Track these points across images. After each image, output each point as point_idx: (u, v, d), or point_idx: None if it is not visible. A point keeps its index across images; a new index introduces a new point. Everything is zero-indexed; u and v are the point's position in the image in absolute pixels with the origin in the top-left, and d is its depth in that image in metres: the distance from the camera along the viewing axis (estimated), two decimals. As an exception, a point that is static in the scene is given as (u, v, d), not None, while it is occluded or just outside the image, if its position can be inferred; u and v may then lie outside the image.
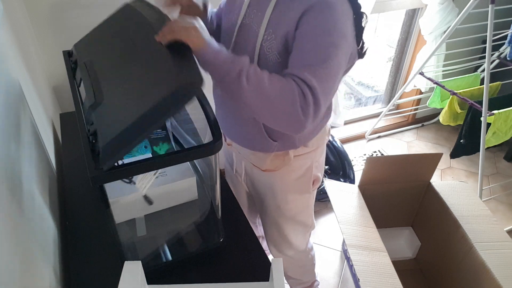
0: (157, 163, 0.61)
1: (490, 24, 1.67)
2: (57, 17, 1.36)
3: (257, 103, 0.74)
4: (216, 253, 0.84)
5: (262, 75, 0.73)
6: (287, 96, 0.72)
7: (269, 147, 0.98)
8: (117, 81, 0.70)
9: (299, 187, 1.09)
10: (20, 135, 0.75)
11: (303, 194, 1.12)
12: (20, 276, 0.55)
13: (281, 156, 1.01)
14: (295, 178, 1.07)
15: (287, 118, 0.74)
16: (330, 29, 0.76)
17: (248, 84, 0.71)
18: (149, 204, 0.83)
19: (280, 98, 0.72)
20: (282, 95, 0.72)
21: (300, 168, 1.06)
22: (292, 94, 0.72)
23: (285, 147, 0.99)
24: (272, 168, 1.03)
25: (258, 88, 0.72)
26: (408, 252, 1.76)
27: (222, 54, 0.72)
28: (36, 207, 0.75)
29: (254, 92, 0.72)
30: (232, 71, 0.71)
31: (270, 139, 0.96)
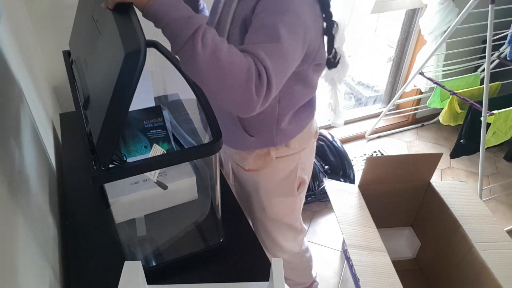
0: (157, 163, 0.61)
1: (490, 24, 1.67)
2: (57, 17, 1.36)
3: (210, 71, 0.64)
4: (216, 253, 0.84)
5: (220, 42, 0.65)
6: (244, 70, 0.65)
7: (248, 143, 0.98)
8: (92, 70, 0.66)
9: (283, 189, 1.08)
10: (20, 135, 0.75)
11: (288, 197, 1.11)
12: (20, 276, 0.55)
13: (263, 156, 1.01)
14: (278, 180, 1.06)
15: (239, 95, 0.67)
16: (283, 9, 0.75)
17: (203, 48, 0.62)
18: (164, 188, 0.81)
19: (236, 71, 0.65)
20: (239, 68, 0.65)
21: (283, 170, 1.05)
22: (249, 70, 0.66)
23: (264, 144, 0.98)
24: (255, 168, 1.03)
25: (214, 54, 0.63)
26: (408, 252, 1.76)
27: (175, 10, 0.62)
28: (36, 207, 0.75)
29: (209, 58, 0.63)
30: (186, 29, 0.61)
31: (246, 133, 0.96)
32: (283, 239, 1.20)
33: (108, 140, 0.57)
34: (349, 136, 2.60)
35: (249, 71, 0.66)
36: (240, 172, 1.09)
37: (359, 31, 1.92)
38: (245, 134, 0.96)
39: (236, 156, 1.05)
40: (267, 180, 1.06)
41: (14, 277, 0.53)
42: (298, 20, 0.75)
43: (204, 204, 0.92)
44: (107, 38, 0.59)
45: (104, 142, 0.57)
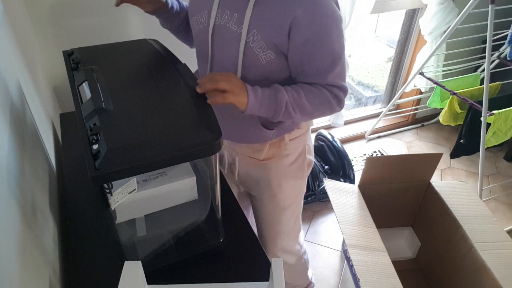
0: (157, 163, 0.61)
1: (490, 24, 1.67)
2: (57, 17, 1.36)
3: (303, 119, 0.90)
4: (216, 253, 0.84)
5: (301, 101, 0.84)
6: (326, 105, 0.87)
7: (266, 136, 0.99)
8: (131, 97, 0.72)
9: (294, 172, 1.11)
10: (20, 135, 0.76)
11: (297, 180, 1.13)
12: (20, 276, 0.55)
13: (277, 142, 1.03)
14: (290, 163, 1.08)
15: (329, 114, 0.91)
16: (330, 26, 0.81)
17: (296, 114, 0.86)
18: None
19: (321, 109, 0.88)
20: (322, 107, 0.87)
21: (294, 152, 1.08)
22: (329, 102, 0.87)
23: (281, 132, 1.01)
24: (269, 156, 1.05)
25: (304, 113, 0.87)
26: (408, 252, 1.76)
27: (263, 104, 0.82)
28: (36, 207, 0.75)
29: (302, 116, 0.87)
30: (280, 112, 0.84)
31: (266, 129, 0.98)
32: (287, 226, 1.22)
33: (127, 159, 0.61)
34: (349, 136, 2.60)
35: (329, 103, 0.87)
36: (249, 164, 1.09)
37: (359, 31, 1.92)
38: (264, 129, 0.97)
39: (248, 149, 1.05)
40: (279, 165, 1.07)
41: (14, 277, 0.53)
42: (339, 21, 0.83)
43: (204, 204, 0.92)
44: (173, 101, 0.72)
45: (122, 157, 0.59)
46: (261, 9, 0.81)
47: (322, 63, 0.84)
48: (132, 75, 0.80)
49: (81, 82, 0.75)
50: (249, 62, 0.86)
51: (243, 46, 0.84)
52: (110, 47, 0.92)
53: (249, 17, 0.82)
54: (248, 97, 0.80)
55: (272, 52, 0.83)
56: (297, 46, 0.82)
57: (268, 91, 0.83)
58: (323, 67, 0.84)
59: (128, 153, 0.59)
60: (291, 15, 0.79)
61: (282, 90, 0.83)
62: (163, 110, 0.69)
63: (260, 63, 0.85)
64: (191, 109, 0.69)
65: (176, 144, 0.62)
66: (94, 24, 1.43)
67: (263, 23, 0.81)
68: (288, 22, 0.79)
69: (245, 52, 0.85)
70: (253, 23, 0.82)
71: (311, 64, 0.84)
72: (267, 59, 0.84)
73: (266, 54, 0.84)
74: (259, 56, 0.84)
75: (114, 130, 0.63)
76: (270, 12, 0.80)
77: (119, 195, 0.70)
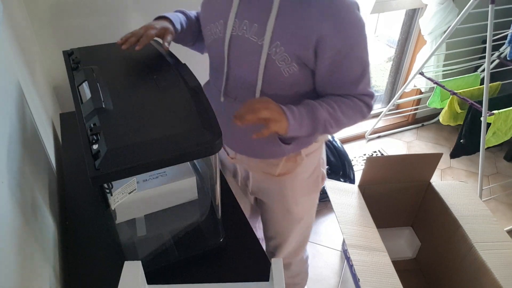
0: (157, 163, 0.61)
1: (490, 24, 1.67)
2: (57, 17, 1.36)
3: (336, 131, 0.89)
4: (216, 253, 0.84)
5: (337, 115, 0.83)
6: (358, 114, 0.87)
7: (283, 151, 0.95)
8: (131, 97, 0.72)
9: (309, 186, 1.07)
10: (20, 135, 0.76)
11: (311, 194, 1.10)
12: (20, 276, 0.55)
13: (293, 157, 0.98)
14: (305, 178, 1.04)
15: (360, 121, 0.89)
16: (356, 36, 0.79)
17: (332, 128, 0.85)
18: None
19: (354, 119, 0.87)
20: (355, 116, 0.87)
21: (310, 166, 1.04)
22: (361, 111, 0.87)
23: (299, 147, 0.97)
24: (285, 172, 1.00)
25: (339, 126, 0.86)
26: (408, 252, 1.76)
27: (303, 125, 0.80)
28: (36, 207, 0.75)
29: (337, 129, 0.87)
30: (319, 129, 0.83)
31: (282, 143, 0.93)
32: (296, 240, 1.19)
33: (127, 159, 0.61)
34: (349, 136, 2.60)
35: (361, 111, 0.87)
36: (265, 179, 1.04)
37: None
38: (281, 144, 0.93)
39: (263, 164, 1.00)
40: (295, 180, 1.03)
41: (14, 277, 0.53)
42: (364, 33, 0.81)
43: (204, 204, 0.92)
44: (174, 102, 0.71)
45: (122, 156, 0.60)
46: (284, 20, 0.77)
47: (352, 74, 0.83)
48: (132, 75, 0.80)
49: (81, 82, 0.75)
50: (271, 75, 0.82)
51: (265, 59, 0.79)
52: (110, 47, 0.92)
53: (272, 28, 0.77)
54: (288, 121, 0.77)
55: (296, 64, 0.80)
56: (326, 61, 0.79)
57: (305, 110, 0.80)
58: (354, 78, 0.83)
59: (128, 153, 0.59)
60: (318, 30, 0.75)
61: (318, 107, 0.81)
62: (163, 110, 0.69)
63: (282, 76, 0.81)
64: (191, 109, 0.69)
65: (176, 144, 0.62)
66: (94, 24, 1.43)
67: (287, 35, 0.77)
68: (314, 37, 0.76)
69: (267, 65, 0.80)
70: (276, 34, 0.77)
71: (342, 77, 0.83)
72: (290, 72, 0.81)
73: (290, 67, 0.80)
74: (281, 69, 0.80)
75: (114, 130, 0.63)
76: (294, 24, 0.76)
77: (119, 195, 0.70)
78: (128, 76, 0.79)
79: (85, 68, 0.79)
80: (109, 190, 0.67)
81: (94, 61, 0.83)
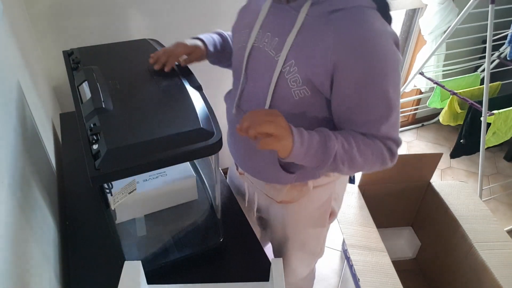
0: (157, 163, 0.61)
1: (490, 24, 1.67)
2: (57, 17, 1.36)
3: (349, 173, 0.78)
4: (216, 253, 0.84)
5: (352, 152, 0.71)
6: (378, 159, 0.74)
7: (286, 179, 0.88)
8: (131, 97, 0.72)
9: (314, 220, 1.00)
10: (20, 135, 0.75)
11: (316, 228, 1.03)
12: (20, 276, 0.55)
13: (299, 186, 0.91)
14: (311, 211, 0.98)
15: (380, 167, 0.77)
16: (383, 69, 0.68)
17: (344, 167, 0.72)
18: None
19: (372, 163, 0.74)
20: (374, 160, 0.74)
21: (317, 200, 0.96)
22: (382, 156, 0.74)
23: (304, 178, 0.89)
24: (288, 200, 0.94)
25: (353, 166, 0.73)
26: (408, 252, 1.76)
27: (310, 149, 0.69)
28: (36, 207, 0.75)
29: (350, 170, 0.74)
30: (327, 163, 0.70)
31: (286, 172, 0.86)
32: (298, 264, 1.11)
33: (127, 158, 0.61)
34: (349, 136, 2.59)
35: (382, 156, 0.74)
36: (267, 203, 1.00)
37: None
38: (284, 172, 0.86)
39: (267, 186, 0.95)
40: (299, 210, 0.96)
41: (14, 277, 0.53)
42: (395, 63, 0.70)
43: (204, 204, 0.92)
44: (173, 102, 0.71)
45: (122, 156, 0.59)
46: (304, 39, 0.70)
47: (374, 110, 0.71)
48: (132, 75, 0.80)
49: (81, 82, 0.75)
50: (280, 94, 0.76)
51: (277, 76, 0.74)
52: (110, 47, 0.92)
53: (290, 44, 0.72)
54: (293, 143, 0.66)
55: (308, 89, 0.72)
56: (343, 89, 0.70)
57: (317, 137, 0.69)
58: (376, 116, 0.71)
59: (128, 153, 0.59)
60: (336, 54, 0.67)
61: (332, 137, 0.70)
62: (163, 110, 0.69)
63: (292, 97, 0.74)
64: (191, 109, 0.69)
65: (176, 144, 0.62)
66: (94, 24, 1.43)
67: (302, 55, 0.71)
68: (332, 62, 0.68)
69: (278, 83, 0.74)
70: (292, 52, 0.72)
71: (362, 111, 0.72)
72: (300, 95, 0.74)
73: (300, 90, 0.73)
74: (292, 90, 0.74)
75: (114, 130, 0.63)
76: (312, 45, 0.69)
77: (119, 195, 0.70)
78: (128, 76, 0.79)
79: (85, 68, 0.79)
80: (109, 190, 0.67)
81: (94, 61, 0.83)
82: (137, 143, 0.61)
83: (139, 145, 0.60)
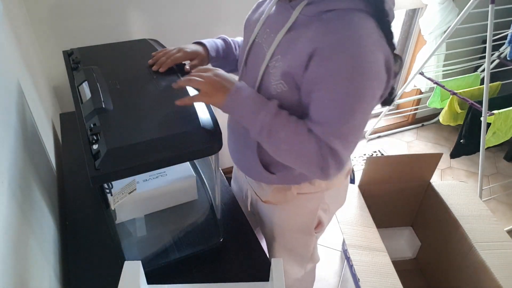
0: (157, 163, 0.61)
1: (490, 24, 1.67)
2: (57, 17, 1.36)
3: (280, 157, 0.75)
4: (216, 253, 0.84)
5: (281, 137, 0.70)
6: (306, 158, 0.70)
7: (268, 179, 0.90)
8: (131, 97, 0.72)
9: (299, 227, 1.01)
10: (20, 135, 0.76)
11: (304, 235, 1.04)
12: (19, 276, 0.55)
13: (283, 190, 0.92)
14: (295, 217, 0.99)
15: (306, 172, 0.74)
16: (353, 74, 0.64)
17: (270, 145, 0.72)
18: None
19: (298, 159, 0.72)
20: (300, 157, 0.71)
21: (302, 207, 0.96)
22: (311, 158, 0.70)
23: (285, 181, 0.91)
24: (273, 201, 0.95)
25: (276, 148, 0.73)
26: (408, 252, 1.76)
27: (243, 108, 0.71)
28: (36, 207, 0.75)
29: (273, 150, 0.74)
30: (254, 127, 0.71)
31: (267, 171, 0.88)
32: (288, 265, 1.12)
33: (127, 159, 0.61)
34: (349, 136, 2.59)
35: (310, 158, 0.70)
36: (257, 200, 1.02)
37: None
38: (266, 171, 0.88)
39: (255, 184, 0.97)
40: (283, 214, 0.98)
41: (14, 277, 0.53)
42: (372, 82, 0.66)
43: (204, 204, 0.92)
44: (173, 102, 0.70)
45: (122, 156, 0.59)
46: (293, 36, 0.71)
47: (327, 112, 0.68)
48: (132, 75, 0.80)
49: (81, 82, 0.75)
50: (264, 88, 0.77)
51: (263, 69, 0.76)
52: (110, 47, 0.92)
53: (279, 40, 0.73)
54: (224, 101, 0.70)
55: (284, 83, 0.73)
56: (311, 79, 0.68)
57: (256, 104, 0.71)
58: (327, 117, 0.68)
59: (128, 153, 0.59)
60: (315, 43, 0.66)
61: (270, 110, 0.70)
62: (163, 110, 0.69)
63: (273, 91, 0.75)
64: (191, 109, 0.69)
65: (176, 144, 0.62)
66: (94, 24, 1.43)
67: (288, 50, 0.72)
68: (310, 51, 0.66)
69: (263, 77, 0.76)
70: (280, 47, 0.73)
71: (316, 107, 0.70)
72: (277, 90, 0.74)
73: (277, 84, 0.74)
74: (272, 85, 0.75)
75: (114, 130, 0.63)
76: (299, 39, 0.70)
77: (119, 195, 0.70)
78: (128, 76, 0.79)
79: (85, 68, 0.79)
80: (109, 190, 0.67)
81: (94, 61, 0.83)
82: (137, 143, 0.61)
83: (139, 145, 0.60)
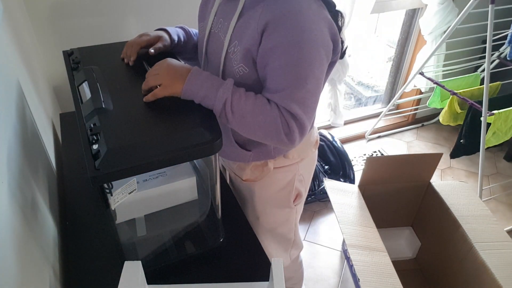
0: (157, 163, 0.61)
1: (490, 24, 1.67)
2: (57, 17, 1.36)
3: (243, 130, 0.76)
4: (216, 253, 0.84)
5: (247, 106, 0.73)
6: (270, 126, 0.73)
7: (245, 156, 0.95)
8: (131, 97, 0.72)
9: (279, 200, 1.06)
10: (20, 135, 0.76)
11: (283, 208, 1.08)
12: (20, 276, 0.55)
13: (260, 166, 0.98)
14: (275, 191, 1.03)
15: (274, 142, 0.76)
16: (299, 42, 0.70)
17: (233, 117, 0.73)
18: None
19: (263, 128, 0.74)
20: (265, 126, 0.74)
21: (280, 180, 1.02)
22: (275, 124, 0.73)
23: (261, 156, 0.96)
24: (252, 179, 1.00)
25: (243, 119, 0.74)
26: (408, 252, 1.76)
27: (202, 90, 0.72)
28: (36, 207, 0.75)
29: (240, 122, 0.74)
30: (216, 105, 0.72)
31: (243, 149, 0.93)
32: (273, 248, 1.17)
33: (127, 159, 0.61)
34: (349, 136, 2.60)
35: (276, 125, 0.73)
36: (237, 181, 1.07)
37: (359, 31, 1.92)
38: (241, 149, 0.93)
39: (234, 165, 1.02)
40: (263, 190, 1.03)
41: (14, 277, 0.53)
42: (318, 48, 0.72)
43: (204, 204, 0.92)
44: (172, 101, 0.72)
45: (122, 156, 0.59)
46: (244, 21, 0.76)
47: (281, 79, 0.73)
48: (132, 75, 0.80)
49: (81, 82, 0.75)
50: (227, 74, 0.81)
51: (224, 56, 0.80)
52: (110, 47, 0.92)
53: (233, 26, 0.78)
54: (182, 90, 0.72)
55: (245, 65, 0.77)
56: (263, 53, 0.73)
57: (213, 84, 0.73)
58: (282, 85, 0.73)
59: (128, 153, 0.59)
60: (264, 20, 0.72)
61: (228, 87, 0.73)
62: (163, 110, 0.69)
63: (234, 76, 0.79)
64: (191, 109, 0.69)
65: (176, 144, 0.62)
66: (94, 24, 1.43)
67: (242, 34, 0.76)
68: (261, 28, 0.72)
69: (225, 63, 0.80)
70: (235, 33, 0.77)
71: (271, 78, 0.74)
72: (240, 73, 0.78)
73: (239, 67, 0.78)
74: (234, 69, 0.79)
75: (114, 130, 0.63)
76: (249, 21, 0.75)
77: (119, 195, 0.70)
78: (128, 76, 0.79)
79: (85, 68, 0.79)
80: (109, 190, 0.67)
81: (94, 61, 0.83)
82: (137, 143, 0.61)
83: (139, 145, 0.60)
